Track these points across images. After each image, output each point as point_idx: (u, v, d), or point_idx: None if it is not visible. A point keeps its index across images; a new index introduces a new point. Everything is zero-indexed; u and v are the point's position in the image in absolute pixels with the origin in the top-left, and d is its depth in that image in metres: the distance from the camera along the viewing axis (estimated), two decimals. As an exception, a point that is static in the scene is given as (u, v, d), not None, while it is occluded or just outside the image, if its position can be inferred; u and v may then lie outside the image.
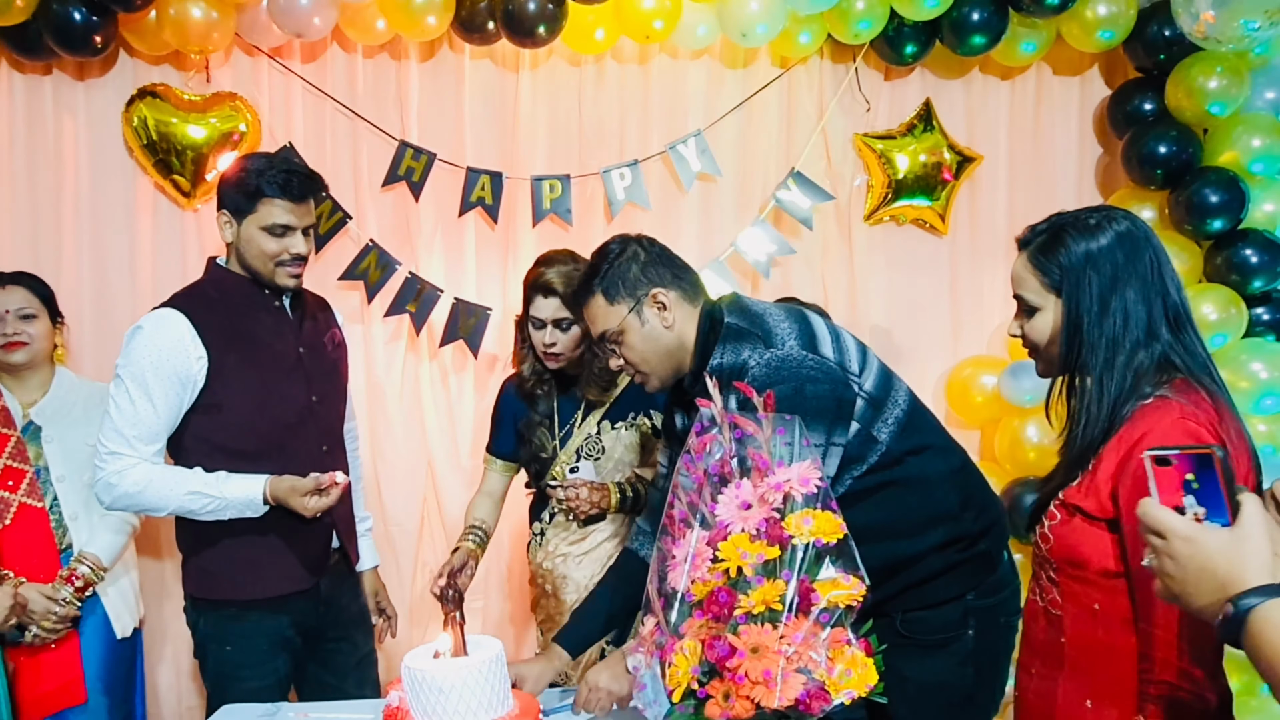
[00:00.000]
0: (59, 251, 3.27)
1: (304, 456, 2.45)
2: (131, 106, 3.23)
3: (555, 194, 3.35)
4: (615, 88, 3.44)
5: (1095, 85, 3.63)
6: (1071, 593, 1.64)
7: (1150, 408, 1.57)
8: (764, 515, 1.54)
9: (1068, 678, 1.64)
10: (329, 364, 2.59)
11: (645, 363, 2.10)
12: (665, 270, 2.10)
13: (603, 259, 2.11)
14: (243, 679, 2.41)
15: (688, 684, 1.51)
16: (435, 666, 1.72)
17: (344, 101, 3.34)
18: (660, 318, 2.08)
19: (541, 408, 2.66)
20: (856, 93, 3.48)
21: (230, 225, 2.40)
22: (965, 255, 3.60)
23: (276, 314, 2.48)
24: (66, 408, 2.84)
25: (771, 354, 1.95)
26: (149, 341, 2.34)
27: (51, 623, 2.66)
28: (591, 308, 2.11)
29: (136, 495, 2.33)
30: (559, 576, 2.62)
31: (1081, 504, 1.60)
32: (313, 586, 2.47)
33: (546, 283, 2.51)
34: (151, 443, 2.35)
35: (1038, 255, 1.68)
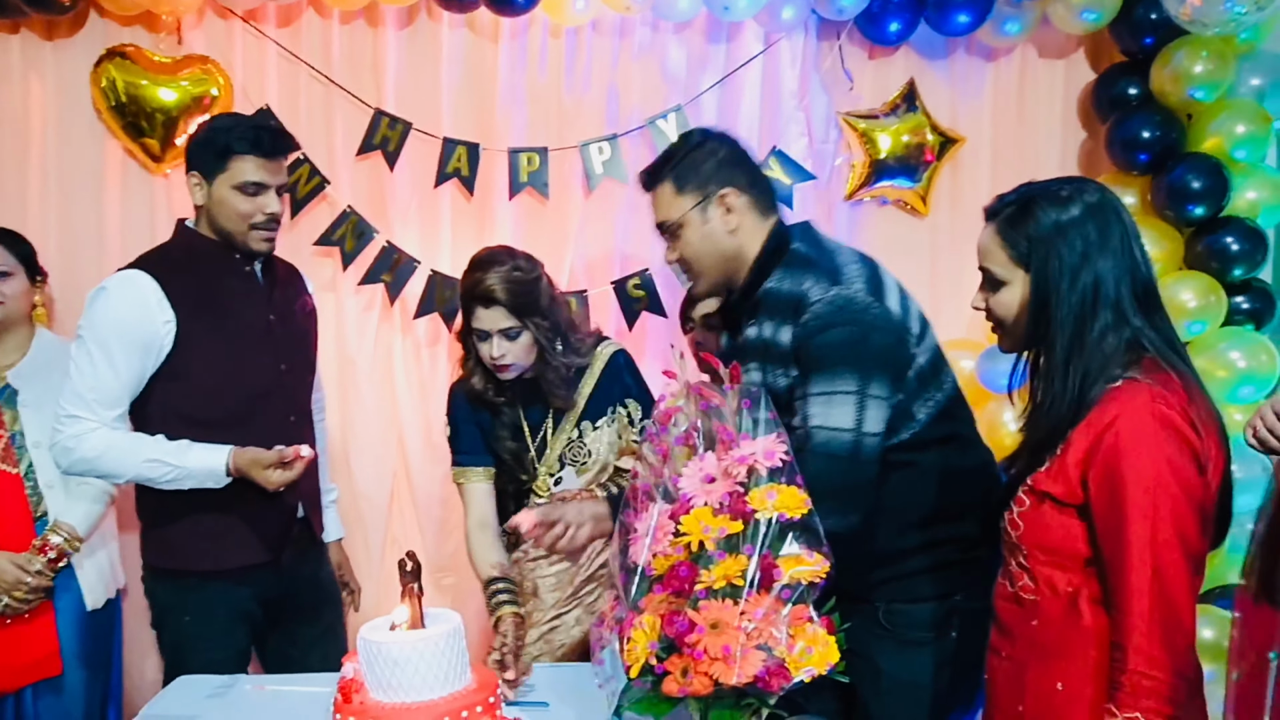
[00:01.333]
0: (24, 214, 3.20)
1: (271, 427, 2.41)
2: (100, 67, 3.15)
3: (533, 167, 3.30)
4: (595, 60, 3.38)
5: (1080, 68, 3.59)
6: (1042, 577, 1.63)
7: (1120, 390, 1.55)
8: (728, 489, 1.51)
9: (1038, 661, 1.63)
10: (299, 333, 2.55)
11: (698, 261, 2.06)
12: (741, 174, 2.06)
13: (681, 146, 2.08)
14: (201, 650, 2.37)
15: (646, 660, 1.49)
16: (391, 638, 1.68)
17: (319, 68, 3.27)
18: (724, 220, 2.03)
19: (506, 418, 2.46)
20: (840, 71, 3.44)
21: (201, 187, 2.34)
22: (945, 237, 3.57)
23: (247, 280, 2.43)
24: (45, 372, 2.76)
25: (837, 292, 1.91)
26: (113, 303, 2.29)
27: (23, 593, 2.61)
28: (659, 194, 2.07)
29: (94, 460, 2.28)
30: (540, 576, 2.51)
31: (1050, 489, 1.59)
32: (275, 558, 2.43)
33: (487, 291, 2.28)
34: (112, 407, 2.29)
35: (1006, 227, 1.66)
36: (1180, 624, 1.48)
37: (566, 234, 3.37)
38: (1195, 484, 1.51)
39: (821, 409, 1.87)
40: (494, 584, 2.30)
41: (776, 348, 1.98)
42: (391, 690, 1.66)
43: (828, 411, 1.87)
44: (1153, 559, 1.46)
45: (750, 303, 2.06)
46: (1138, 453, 1.49)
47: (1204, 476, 1.52)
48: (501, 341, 2.31)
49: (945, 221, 3.57)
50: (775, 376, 1.98)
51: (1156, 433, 1.50)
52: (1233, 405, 3.16)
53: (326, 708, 1.78)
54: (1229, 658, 1.97)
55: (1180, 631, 1.48)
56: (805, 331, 1.91)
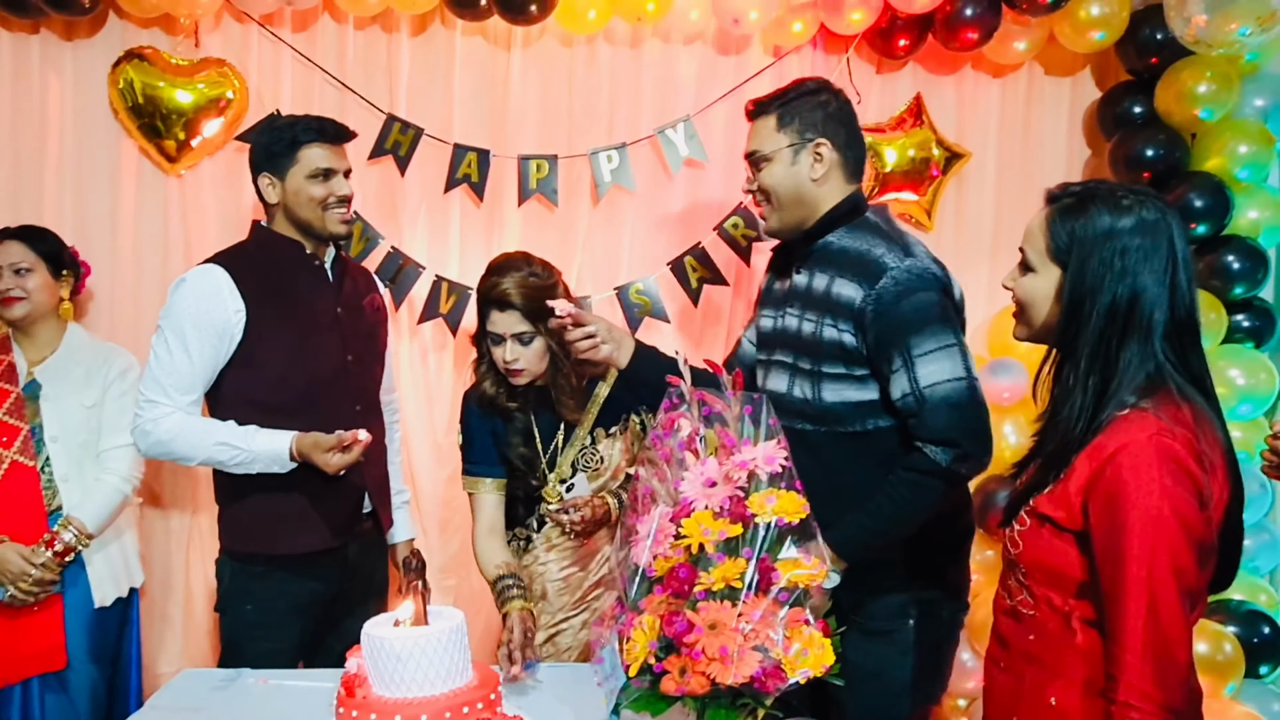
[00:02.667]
0: (39, 211, 3.23)
1: (337, 414, 2.51)
2: (118, 68, 3.20)
3: (542, 174, 3.33)
4: (606, 70, 3.42)
5: (1086, 86, 3.62)
6: (1041, 596, 1.64)
7: (1127, 419, 1.53)
8: (728, 493, 1.54)
9: (1034, 674, 1.64)
10: (366, 326, 2.65)
11: (774, 195, 2.17)
12: (841, 131, 2.17)
13: (796, 88, 2.19)
14: (258, 640, 2.45)
15: (645, 659, 1.51)
16: (395, 634, 1.71)
17: (333, 73, 3.32)
18: (812, 168, 2.14)
19: (518, 424, 2.47)
20: (847, 84, 3.47)
21: (274, 185, 2.48)
22: (949, 252, 3.57)
23: (316, 273, 2.55)
24: (69, 368, 2.84)
25: (912, 262, 2.05)
26: (190, 294, 2.42)
27: (28, 585, 2.64)
28: (760, 124, 2.18)
29: (169, 443, 2.40)
30: (549, 580, 2.52)
31: (1051, 514, 1.59)
32: (340, 548, 2.51)
33: (502, 295, 2.31)
34: (187, 393, 2.41)
35: (1056, 216, 1.63)
36: (1173, 659, 1.46)
37: (574, 241, 3.40)
38: (1195, 520, 1.48)
39: (934, 366, 2.00)
40: (502, 580, 2.32)
41: (838, 301, 2.09)
42: (394, 685, 1.68)
43: (940, 366, 2.00)
44: (1148, 594, 1.45)
45: (806, 251, 2.18)
46: (1139, 485, 1.47)
47: (1205, 512, 1.50)
48: (515, 346, 2.33)
49: (949, 236, 3.59)
50: (824, 326, 2.11)
51: (1159, 466, 1.48)
52: (1232, 422, 3.17)
53: (330, 702, 1.81)
54: None
55: (1173, 666, 1.46)
56: (888, 296, 2.03)
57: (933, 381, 2.00)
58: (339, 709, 1.71)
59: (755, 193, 2.21)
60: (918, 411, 2.01)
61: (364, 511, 2.59)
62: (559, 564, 2.50)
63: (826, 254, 2.15)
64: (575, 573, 2.50)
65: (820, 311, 2.12)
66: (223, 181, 3.33)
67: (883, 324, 2.03)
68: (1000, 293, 3.67)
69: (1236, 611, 3.09)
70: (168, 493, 3.37)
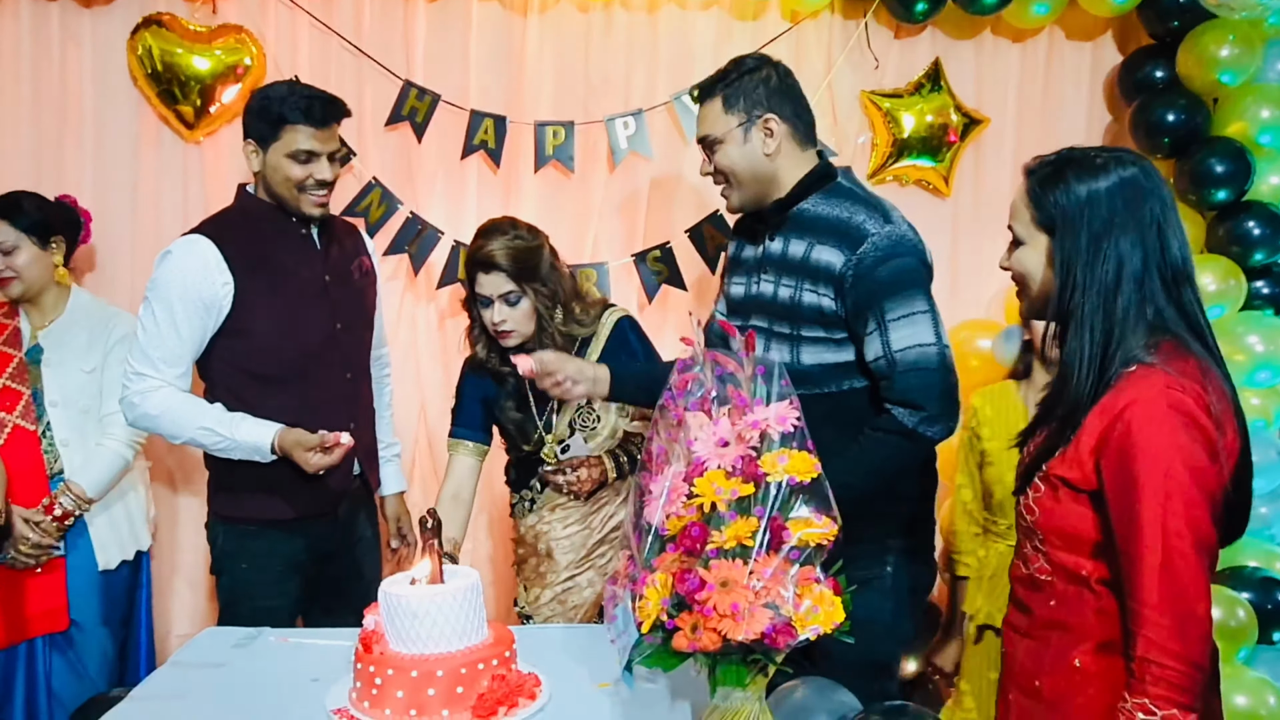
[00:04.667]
0: (60, 178, 3.27)
1: (328, 383, 2.52)
2: (136, 35, 3.21)
3: (558, 140, 3.33)
4: (623, 36, 3.41)
5: (1108, 51, 3.59)
6: (1059, 561, 1.65)
7: (1135, 376, 1.54)
8: (740, 452, 1.55)
9: (1058, 639, 1.66)
10: (355, 291, 2.63)
11: (733, 175, 2.19)
12: (787, 103, 2.19)
13: (735, 68, 2.20)
14: (255, 598, 2.48)
15: (657, 616, 1.53)
16: (412, 592, 1.73)
17: (350, 39, 3.32)
18: (764, 144, 2.16)
19: (511, 388, 2.53)
20: (866, 50, 3.46)
21: (256, 154, 2.44)
22: (967, 219, 3.59)
23: (303, 241, 2.52)
24: (71, 334, 2.85)
25: (891, 229, 2.10)
26: (177, 266, 2.40)
27: (28, 548, 2.69)
28: (707, 108, 2.20)
29: (155, 419, 2.40)
30: (554, 539, 2.56)
31: (1066, 475, 1.60)
32: (331, 509, 2.52)
33: (488, 256, 2.38)
34: (175, 365, 2.40)
35: (1036, 188, 1.65)
36: (1193, 613, 1.47)
37: (590, 207, 3.41)
38: (1208, 473, 1.49)
39: (906, 330, 2.06)
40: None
41: (818, 266, 2.12)
42: (411, 642, 1.71)
43: (912, 331, 2.06)
44: (1163, 549, 1.46)
45: (780, 218, 2.20)
46: (1150, 441, 1.48)
47: (1217, 465, 1.51)
48: (502, 307, 2.41)
49: (967, 203, 3.58)
50: (802, 291, 2.15)
51: (1170, 421, 1.49)
52: (1250, 389, 3.17)
53: (348, 659, 1.84)
54: None
55: (1193, 620, 1.47)
56: (867, 261, 2.07)
57: (904, 346, 2.06)
58: (357, 664, 1.75)
59: (714, 175, 2.23)
60: (889, 374, 2.07)
61: (353, 474, 2.60)
62: (563, 524, 2.54)
63: (802, 220, 2.18)
64: (579, 531, 2.55)
65: (798, 276, 2.16)
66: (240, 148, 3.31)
67: (861, 288, 2.08)
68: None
69: (1250, 578, 3.09)
70: (180, 457, 3.41)
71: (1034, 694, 1.69)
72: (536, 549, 2.57)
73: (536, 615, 2.58)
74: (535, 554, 2.58)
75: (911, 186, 3.54)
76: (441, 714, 1.67)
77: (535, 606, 2.58)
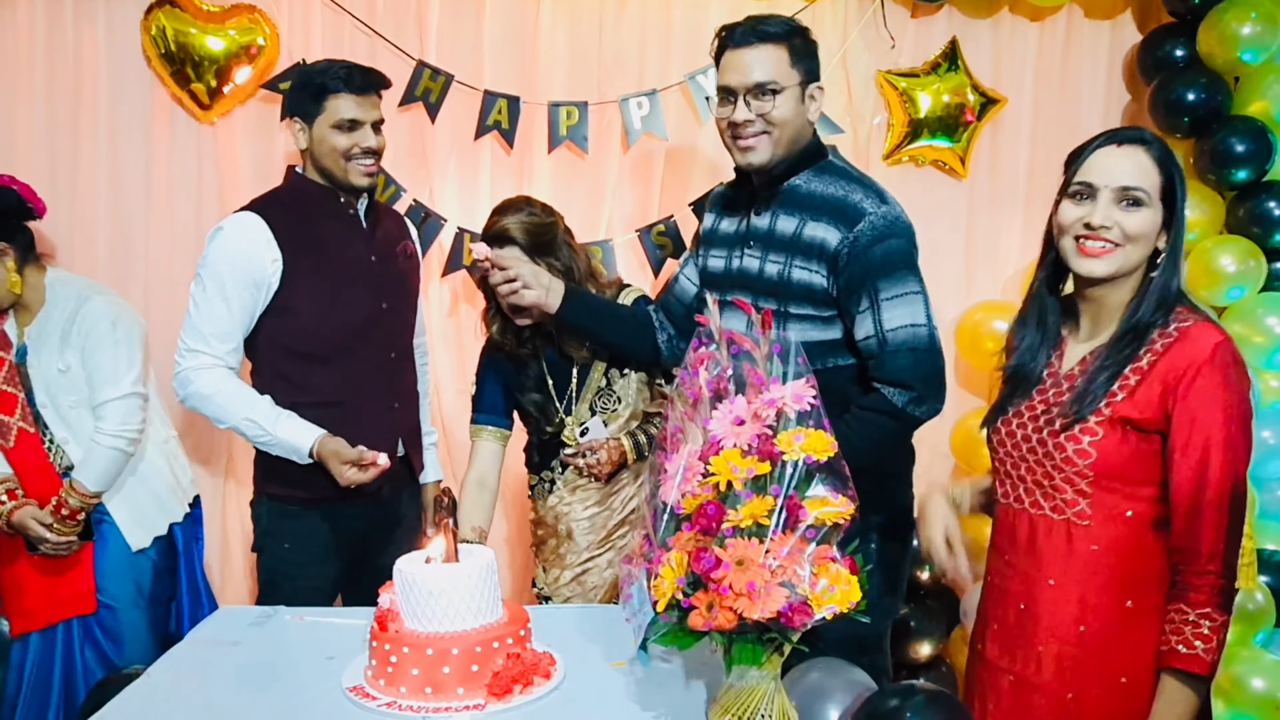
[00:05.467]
0: (75, 160, 3.28)
1: (371, 361, 2.55)
2: (150, 15, 3.21)
3: (572, 120, 3.32)
4: (636, 15, 3.39)
5: (1127, 30, 3.55)
6: (1102, 503, 1.71)
7: (1199, 328, 1.67)
8: (756, 431, 1.54)
9: (1103, 584, 1.71)
10: (399, 273, 2.66)
11: (781, 129, 2.15)
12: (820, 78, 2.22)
13: (798, 26, 2.18)
14: (295, 577, 2.51)
15: (672, 595, 1.52)
16: (427, 570, 1.74)
17: (363, 19, 3.31)
18: (808, 109, 2.17)
19: (532, 372, 2.53)
20: (881, 28, 3.43)
21: (303, 131, 2.48)
22: (983, 200, 3.56)
23: (350, 221, 2.55)
24: (47, 331, 2.78)
25: (887, 209, 2.10)
26: (227, 242, 2.43)
27: (48, 547, 2.71)
28: (770, 53, 2.12)
29: (204, 400, 2.44)
30: (574, 520, 2.57)
31: (1132, 416, 1.67)
32: (374, 490, 2.52)
33: (503, 231, 2.38)
34: (226, 341, 2.44)
35: (1161, 155, 1.72)
36: (1238, 537, 1.64)
37: (604, 188, 3.39)
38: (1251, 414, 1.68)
39: (898, 311, 2.08)
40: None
41: (811, 243, 2.12)
42: (426, 620, 1.72)
43: (904, 311, 2.08)
44: (1232, 481, 1.62)
45: (770, 193, 2.19)
46: (1220, 387, 1.63)
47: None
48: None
49: (984, 183, 3.56)
50: (791, 267, 2.14)
51: (1235, 368, 1.64)
52: (1269, 371, 3.14)
53: (363, 638, 1.84)
54: None
55: (1237, 544, 1.64)
56: (864, 240, 2.08)
57: (896, 325, 2.08)
58: (372, 642, 1.75)
59: (752, 121, 2.12)
60: (878, 353, 2.08)
61: (397, 455, 2.61)
62: (583, 505, 2.54)
63: (794, 196, 2.16)
64: (599, 513, 2.54)
65: (788, 252, 2.15)
66: (255, 129, 3.34)
67: (856, 266, 2.08)
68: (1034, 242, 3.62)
69: (1269, 561, 3.07)
70: (201, 439, 3.42)
71: (1078, 642, 1.73)
72: (556, 530, 2.57)
73: (555, 596, 2.58)
74: (555, 535, 2.58)
75: (928, 167, 3.52)
76: (457, 692, 1.68)
77: (554, 588, 2.58)
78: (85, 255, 3.30)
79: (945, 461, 3.61)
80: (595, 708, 1.71)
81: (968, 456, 3.44)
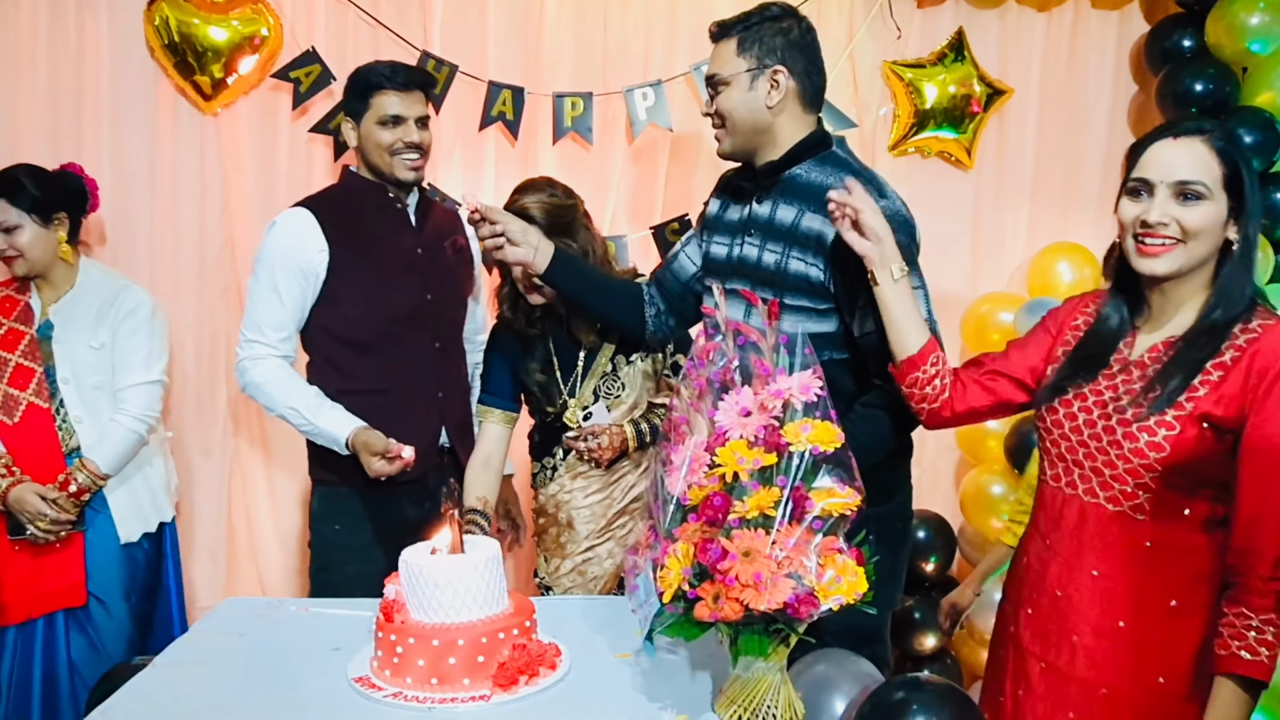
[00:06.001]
0: (78, 151, 3.26)
1: (416, 352, 2.62)
2: (153, 6, 3.20)
3: (577, 112, 3.31)
4: (641, 6, 3.38)
5: (1134, 21, 3.54)
6: (1163, 498, 1.67)
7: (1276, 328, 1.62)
8: (763, 422, 1.54)
9: (1151, 580, 1.68)
10: (446, 266, 2.72)
11: (730, 120, 2.14)
12: (801, 60, 2.13)
13: (759, 12, 2.14)
14: (347, 562, 2.56)
15: (678, 585, 1.52)
16: (433, 561, 1.74)
17: (366, 9, 3.30)
18: (768, 95, 2.10)
19: (539, 352, 2.55)
20: (888, 19, 3.41)
21: (353, 130, 2.58)
22: (990, 191, 3.55)
23: (398, 215, 2.64)
24: (80, 310, 2.83)
25: (886, 203, 2.04)
26: (278, 236, 2.54)
27: (46, 524, 2.70)
28: (721, 47, 2.15)
29: (257, 388, 2.54)
30: (575, 508, 2.57)
31: (1213, 412, 1.62)
32: (419, 478, 2.57)
33: (523, 209, 2.38)
34: (279, 330, 2.54)
35: (1222, 145, 1.65)
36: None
37: (609, 179, 3.39)
38: None
39: None
40: (472, 510, 2.46)
41: (804, 234, 2.09)
42: (432, 611, 1.71)
43: None
44: None
45: (770, 181, 2.17)
46: None
47: None
48: None
49: (990, 175, 3.55)
50: (789, 258, 2.10)
51: None
52: (1276, 364, 3.13)
53: (369, 629, 1.84)
54: None
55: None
56: None
57: None
58: (378, 633, 1.75)
59: (712, 115, 2.17)
60: (879, 349, 2.01)
61: (442, 445, 2.66)
62: (584, 492, 2.55)
63: (794, 186, 2.13)
64: (600, 500, 2.55)
65: (785, 243, 2.12)
66: (258, 120, 3.33)
67: (853, 261, 2.01)
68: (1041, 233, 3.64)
69: None
70: (208, 429, 3.43)
71: (1114, 636, 1.70)
72: (557, 519, 2.57)
73: (556, 586, 2.58)
74: (555, 524, 2.58)
75: (934, 158, 3.51)
76: (462, 683, 1.67)
77: (555, 578, 2.58)
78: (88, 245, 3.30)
79: (950, 455, 3.61)
80: (601, 699, 1.71)
81: (973, 449, 3.44)
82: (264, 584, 3.45)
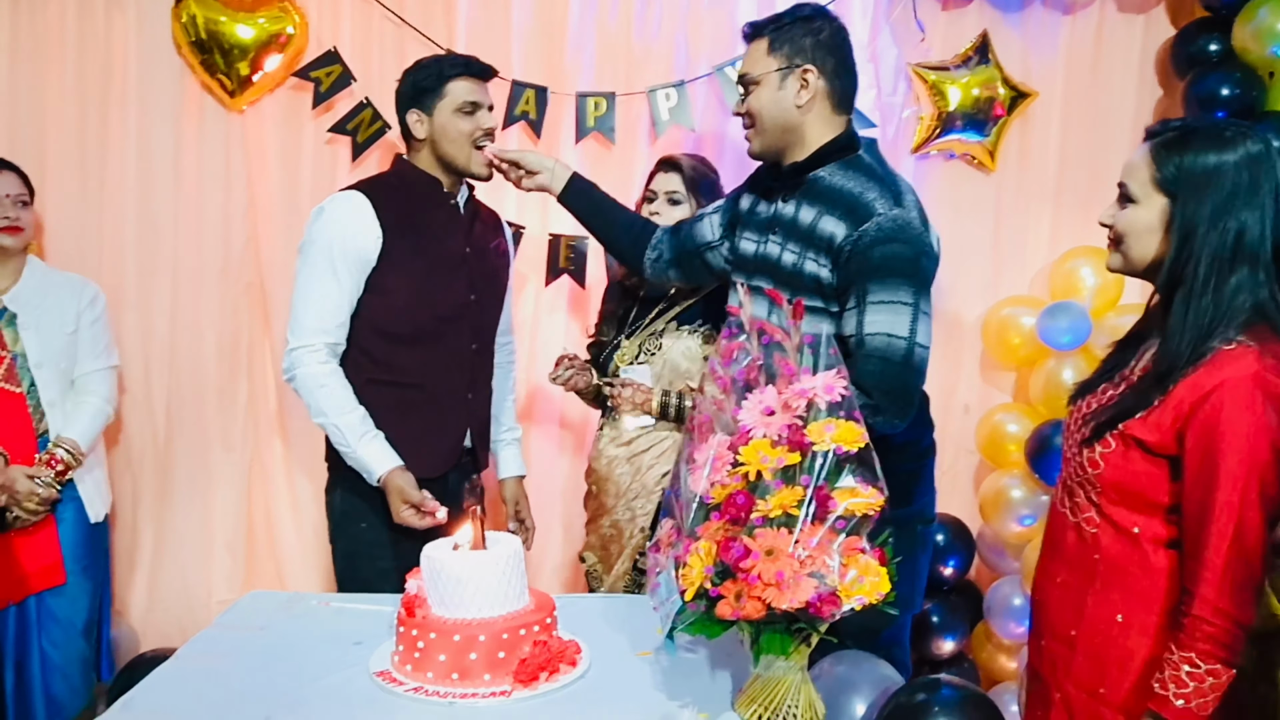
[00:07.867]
0: (105, 147, 3.30)
1: (454, 349, 2.59)
2: (181, 3, 3.22)
3: (600, 111, 3.32)
4: (665, 6, 3.38)
5: (1160, 24, 3.51)
6: (1112, 515, 1.67)
7: (1231, 354, 1.55)
8: (787, 421, 1.54)
9: (1099, 592, 1.68)
10: (491, 269, 2.71)
11: (759, 120, 2.18)
12: (830, 61, 2.16)
13: (791, 12, 2.18)
14: (373, 559, 2.52)
15: (701, 584, 1.52)
16: (455, 557, 1.74)
17: (391, 8, 3.31)
18: (797, 95, 2.14)
19: (618, 309, 2.82)
20: (912, 21, 3.40)
21: (422, 122, 2.53)
22: (1012, 194, 3.53)
23: (450, 211, 2.60)
24: (40, 296, 2.92)
25: (900, 212, 2.06)
26: (331, 219, 2.47)
27: (34, 504, 2.77)
28: (754, 47, 2.20)
29: (306, 390, 2.46)
30: (603, 479, 2.69)
31: (1143, 437, 1.61)
32: (441, 478, 2.56)
33: (672, 157, 2.76)
34: (335, 316, 2.46)
35: (1160, 149, 1.64)
36: (1252, 580, 1.53)
37: (631, 179, 3.38)
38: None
39: (881, 316, 2.03)
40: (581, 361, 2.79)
41: (821, 236, 2.11)
42: (453, 606, 1.72)
43: (886, 319, 2.03)
44: (1237, 519, 1.51)
45: (796, 181, 2.19)
46: (1239, 419, 1.51)
47: None
48: (663, 204, 2.73)
49: (1013, 178, 3.53)
50: (805, 259, 2.14)
51: (1260, 403, 1.51)
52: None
53: (390, 623, 1.85)
54: None
55: (1250, 586, 1.53)
56: (866, 239, 2.04)
57: (875, 331, 2.04)
58: (400, 628, 1.76)
59: (743, 115, 2.22)
60: (854, 354, 2.04)
61: (464, 446, 2.65)
62: (615, 442, 2.70)
63: (817, 188, 2.15)
64: (624, 471, 2.67)
65: (803, 244, 2.15)
66: (283, 117, 3.35)
67: (853, 264, 2.06)
68: (1063, 237, 3.62)
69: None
70: (228, 424, 3.45)
71: (1069, 642, 1.72)
72: (591, 489, 2.76)
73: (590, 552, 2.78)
74: (590, 494, 2.77)
75: (957, 161, 3.49)
76: (483, 678, 1.68)
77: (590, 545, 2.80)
78: (114, 242, 3.33)
79: (970, 458, 3.60)
80: (621, 696, 1.71)
81: (993, 453, 3.42)
82: (283, 578, 3.46)
